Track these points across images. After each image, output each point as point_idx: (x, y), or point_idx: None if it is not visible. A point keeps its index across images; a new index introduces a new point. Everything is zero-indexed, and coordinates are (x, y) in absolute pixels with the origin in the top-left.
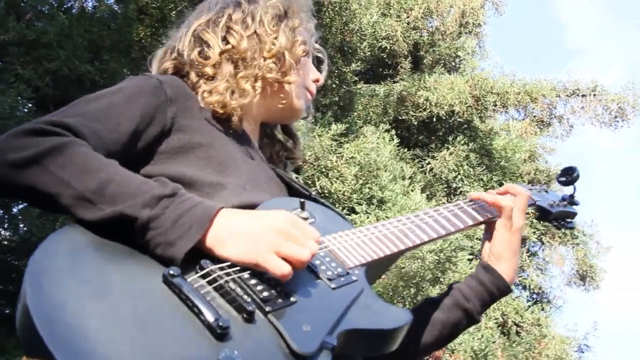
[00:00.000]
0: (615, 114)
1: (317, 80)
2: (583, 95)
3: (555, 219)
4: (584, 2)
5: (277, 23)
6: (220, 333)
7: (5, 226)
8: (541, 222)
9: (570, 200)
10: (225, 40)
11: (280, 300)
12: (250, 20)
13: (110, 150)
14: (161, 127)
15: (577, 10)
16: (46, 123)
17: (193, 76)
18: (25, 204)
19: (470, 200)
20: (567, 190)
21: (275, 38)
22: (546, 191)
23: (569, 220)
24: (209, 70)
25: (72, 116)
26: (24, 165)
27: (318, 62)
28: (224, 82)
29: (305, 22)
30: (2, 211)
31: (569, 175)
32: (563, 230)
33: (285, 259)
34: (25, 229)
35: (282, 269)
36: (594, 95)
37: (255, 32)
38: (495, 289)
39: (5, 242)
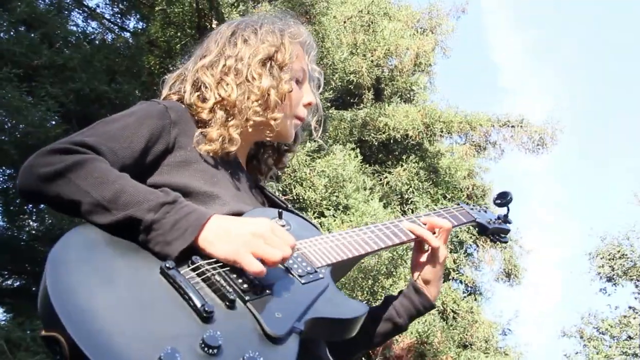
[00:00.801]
0: (538, 143)
1: (308, 104)
2: (512, 126)
3: (492, 234)
4: (517, 49)
5: (263, 65)
6: (205, 316)
7: (34, 218)
8: (480, 235)
9: (505, 219)
10: (218, 88)
11: (257, 292)
12: (241, 65)
13: (125, 164)
14: (165, 145)
15: (510, 55)
16: (70, 143)
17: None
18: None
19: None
20: (502, 211)
21: (260, 81)
22: (485, 211)
23: (502, 235)
24: (204, 116)
25: (92, 136)
26: (52, 178)
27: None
28: (216, 128)
29: (297, 53)
30: (31, 205)
31: (503, 199)
32: (498, 243)
33: (260, 259)
34: (50, 221)
35: (254, 267)
36: (521, 126)
37: (245, 78)
38: (422, 307)
39: (34, 232)
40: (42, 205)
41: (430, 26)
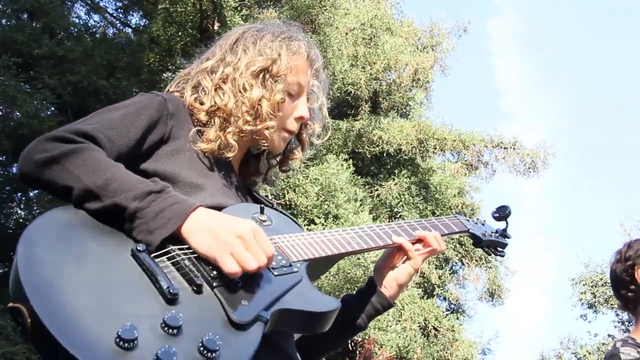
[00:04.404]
0: (529, 166)
1: (300, 118)
2: (505, 148)
3: (487, 246)
4: (519, 74)
5: (256, 76)
6: (170, 298)
7: (22, 207)
8: (475, 247)
9: (503, 233)
10: (215, 95)
11: (226, 279)
12: (237, 75)
13: (121, 152)
14: (161, 135)
15: (512, 80)
16: (68, 131)
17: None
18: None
19: (401, 224)
20: (501, 224)
21: (251, 92)
22: (482, 223)
23: (499, 249)
24: (202, 118)
25: (92, 124)
26: (47, 164)
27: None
28: (213, 131)
29: (294, 66)
30: (20, 194)
31: (502, 212)
32: (494, 256)
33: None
34: (37, 210)
35: (230, 268)
36: (514, 149)
37: (239, 88)
38: (381, 308)
39: (21, 220)
40: (30, 194)
41: (430, 44)
